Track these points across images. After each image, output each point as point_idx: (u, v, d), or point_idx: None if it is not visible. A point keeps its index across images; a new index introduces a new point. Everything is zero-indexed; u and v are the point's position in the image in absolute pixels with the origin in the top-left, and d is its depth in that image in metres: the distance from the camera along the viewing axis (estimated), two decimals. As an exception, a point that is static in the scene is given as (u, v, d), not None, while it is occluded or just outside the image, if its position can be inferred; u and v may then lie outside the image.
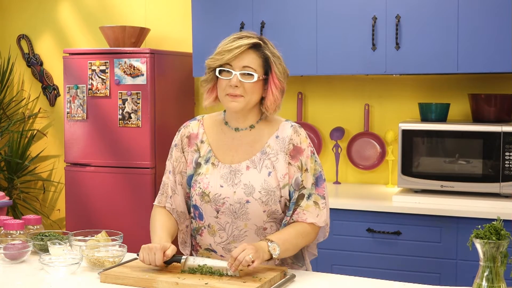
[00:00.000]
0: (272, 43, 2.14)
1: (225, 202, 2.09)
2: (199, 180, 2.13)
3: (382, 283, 2.05)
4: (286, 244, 2.03)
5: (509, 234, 1.66)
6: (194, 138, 2.19)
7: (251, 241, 2.08)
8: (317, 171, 2.12)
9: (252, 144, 2.13)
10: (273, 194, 2.07)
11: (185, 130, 2.22)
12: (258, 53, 2.06)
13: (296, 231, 2.08)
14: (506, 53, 3.20)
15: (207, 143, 2.16)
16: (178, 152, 2.21)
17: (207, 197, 2.10)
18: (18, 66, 4.95)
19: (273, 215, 2.11)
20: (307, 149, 2.12)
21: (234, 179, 2.09)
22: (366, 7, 3.46)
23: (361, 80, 3.93)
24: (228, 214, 2.09)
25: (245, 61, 2.05)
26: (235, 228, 2.10)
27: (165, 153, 4.08)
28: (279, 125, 2.15)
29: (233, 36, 2.09)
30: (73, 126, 4.11)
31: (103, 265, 2.10)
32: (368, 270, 3.19)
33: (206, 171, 2.13)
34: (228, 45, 2.05)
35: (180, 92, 4.24)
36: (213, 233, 2.14)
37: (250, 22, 3.72)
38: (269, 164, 2.10)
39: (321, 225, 2.12)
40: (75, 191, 4.13)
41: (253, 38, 2.07)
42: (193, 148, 2.18)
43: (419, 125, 3.38)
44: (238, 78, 2.04)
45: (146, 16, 4.49)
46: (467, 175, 3.28)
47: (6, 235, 2.34)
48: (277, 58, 2.09)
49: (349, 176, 4.01)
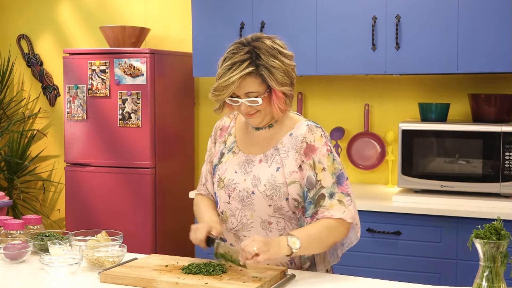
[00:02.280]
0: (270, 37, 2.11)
1: (236, 187, 2.15)
2: (219, 168, 2.23)
3: (382, 283, 2.05)
4: (309, 238, 2.00)
5: (509, 234, 1.66)
6: (224, 130, 2.30)
7: (256, 233, 2.11)
8: (337, 169, 2.11)
9: (268, 140, 2.18)
10: (278, 189, 2.09)
11: (220, 123, 2.33)
12: (254, 74, 2.04)
13: (320, 226, 2.05)
14: (506, 53, 3.20)
15: (233, 136, 2.26)
16: (212, 142, 2.33)
17: (222, 182, 2.19)
18: (18, 66, 4.95)
19: (279, 211, 2.11)
20: (322, 147, 2.11)
21: (247, 168, 2.16)
22: (366, 7, 3.47)
23: (361, 80, 3.93)
24: (238, 200, 2.15)
25: (246, 88, 2.05)
26: (243, 216, 2.15)
27: (165, 153, 4.11)
28: (296, 124, 2.17)
29: (225, 64, 2.05)
30: (73, 126, 4.11)
31: (103, 265, 2.11)
32: (368, 270, 3.18)
33: (226, 159, 2.22)
34: (223, 79, 2.03)
35: (180, 92, 4.24)
36: (226, 220, 2.19)
37: (250, 22, 3.72)
38: (279, 160, 2.12)
39: (349, 220, 2.08)
40: (75, 191, 4.13)
41: (244, 62, 2.02)
42: (222, 140, 2.29)
43: (419, 125, 3.38)
44: (246, 105, 2.08)
45: (146, 16, 4.49)
46: (467, 175, 3.28)
47: (6, 235, 2.34)
48: (274, 68, 2.04)
49: (349, 176, 3.96)
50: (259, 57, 2.04)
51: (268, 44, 2.07)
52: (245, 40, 2.10)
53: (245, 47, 2.06)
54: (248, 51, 2.05)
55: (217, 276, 1.95)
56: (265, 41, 2.08)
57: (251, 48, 2.05)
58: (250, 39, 2.10)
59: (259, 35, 2.12)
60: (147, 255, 2.24)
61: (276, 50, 2.07)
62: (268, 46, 2.07)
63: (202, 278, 1.93)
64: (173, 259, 2.16)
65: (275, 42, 2.10)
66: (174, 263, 2.09)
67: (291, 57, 2.12)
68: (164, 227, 4.01)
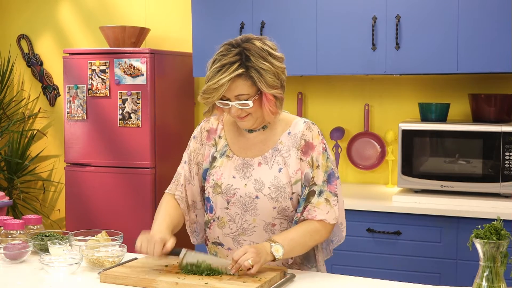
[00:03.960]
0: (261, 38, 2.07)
1: (236, 193, 2.11)
2: (213, 173, 2.17)
3: (382, 283, 2.05)
4: (292, 243, 2.03)
5: (509, 234, 1.66)
6: (213, 133, 2.23)
7: (259, 237, 2.10)
8: (329, 168, 2.12)
9: (265, 142, 2.15)
10: (283, 190, 2.08)
11: (206, 124, 2.26)
12: (244, 76, 2.01)
13: (303, 229, 2.07)
14: (506, 53, 3.20)
15: (224, 139, 2.20)
16: (197, 143, 2.25)
17: (219, 188, 2.14)
18: (18, 66, 4.95)
19: (283, 212, 2.11)
20: (319, 145, 2.11)
21: (246, 172, 2.12)
22: (366, 7, 3.46)
23: (361, 80, 3.93)
24: (238, 205, 2.11)
25: (236, 90, 2.02)
26: (244, 221, 2.12)
27: (165, 153, 4.11)
28: (292, 122, 2.16)
29: (215, 66, 2.02)
30: (73, 126, 4.11)
31: (103, 265, 2.11)
32: (368, 270, 3.18)
33: (220, 164, 2.16)
34: (212, 82, 2.00)
35: (180, 92, 4.24)
36: (223, 225, 2.15)
37: (250, 22, 3.72)
38: (280, 160, 2.11)
39: (331, 222, 2.09)
40: (75, 191, 4.13)
41: (234, 64, 1.99)
42: (211, 143, 2.22)
43: (419, 125, 3.38)
44: (236, 108, 2.04)
45: (146, 16, 4.49)
46: (467, 175, 3.28)
47: (6, 235, 2.34)
48: (264, 71, 2.01)
49: (349, 176, 4.01)
50: (249, 59, 2.00)
51: (258, 46, 2.03)
52: (235, 42, 2.06)
53: (235, 49, 2.03)
54: (237, 52, 2.01)
55: (217, 276, 1.95)
56: (255, 42, 2.04)
57: (240, 50, 2.02)
58: (240, 40, 2.06)
59: (249, 36, 2.08)
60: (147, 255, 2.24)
61: (266, 52, 2.03)
62: (258, 47, 2.03)
63: (202, 278, 1.93)
64: (173, 259, 2.16)
65: (265, 43, 2.06)
66: (174, 263, 2.09)
67: (281, 59, 2.08)
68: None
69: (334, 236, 2.20)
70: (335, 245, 2.23)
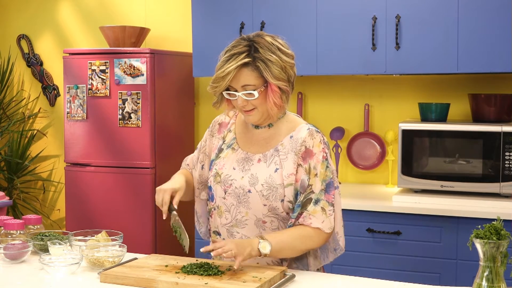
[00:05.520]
0: (273, 36, 2.13)
1: (232, 184, 2.16)
2: (217, 163, 2.23)
3: (382, 283, 2.05)
4: (282, 244, 2.05)
5: (509, 234, 1.66)
6: (224, 126, 2.31)
7: (250, 231, 2.14)
8: (327, 177, 2.12)
9: (268, 140, 2.19)
10: (275, 190, 2.10)
11: (220, 117, 2.35)
12: (251, 67, 2.06)
13: (295, 233, 2.08)
14: (506, 53, 3.20)
15: (233, 132, 2.27)
16: (208, 134, 2.34)
17: (219, 177, 2.19)
18: (18, 66, 4.95)
19: (274, 211, 2.12)
20: (319, 153, 2.12)
21: (245, 165, 2.17)
22: (366, 7, 3.47)
23: (361, 80, 3.93)
24: (234, 196, 2.15)
25: (242, 80, 2.06)
26: (238, 212, 2.15)
27: (165, 153, 4.11)
28: (297, 127, 2.18)
29: (224, 56, 2.08)
30: (73, 126, 4.11)
31: (103, 265, 2.11)
32: (368, 270, 3.19)
33: (225, 155, 2.23)
34: (220, 71, 2.06)
35: (180, 92, 4.24)
36: (220, 214, 2.20)
37: (250, 22, 3.72)
38: (278, 161, 2.13)
39: (326, 231, 2.10)
40: (75, 191, 4.13)
41: (242, 54, 2.05)
42: (221, 135, 2.30)
43: (419, 125, 3.38)
44: (242, 98, 2.08)
45: (146, 16, 4.49)
46: (467, 175, 3.28)
47: (6, 235, 2.34)
48: (270, 62, 2.05)
49: (349, 176, 4.01)
50: (257, 50, 2.06)
51: (268, 40, 2.10)
52: (247, 36, 2.13)
53: (245, 41, 2.10)
54: (247, 44, 2.08)
55: (217, 276, 1.95)
56: (266, 37, 2.11)
57: (250, 43, 2.09)
58: (252, 35, 2.13)
59: (261, 33, 2.15)
60: (147, 255, 2.24)
61: (275, 47, 2.09)
62: (268, 41, 2.09)
63: (202, 278, 1.93)
64: (173, 259, 2.16)
65: (276, 40, 2.12)
66: (174, 263, 2.09)
67: (291, 56, 2.12)
68: (164, 227, 4.00)
69: (336, 245, 2.18)
70: (337, 254, 2.20)
